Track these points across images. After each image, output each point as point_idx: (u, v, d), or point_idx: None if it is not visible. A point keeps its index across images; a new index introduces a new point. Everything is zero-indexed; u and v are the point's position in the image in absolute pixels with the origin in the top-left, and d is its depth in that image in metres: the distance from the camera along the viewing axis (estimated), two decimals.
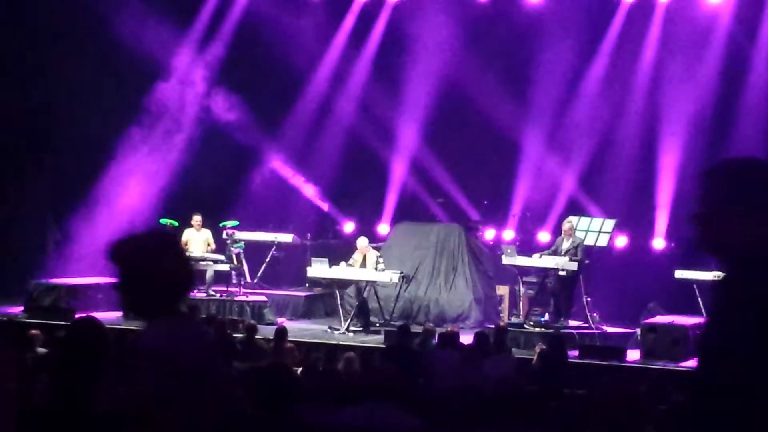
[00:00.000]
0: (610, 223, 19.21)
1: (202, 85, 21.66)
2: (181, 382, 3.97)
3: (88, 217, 20.85)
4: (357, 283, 18.53)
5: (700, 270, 18.66)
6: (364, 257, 18.60)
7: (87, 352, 5.66)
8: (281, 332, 14.23)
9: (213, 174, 21.22)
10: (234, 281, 19.62)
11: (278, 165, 22.38)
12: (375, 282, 18.39)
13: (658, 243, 20.44)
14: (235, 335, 15.10)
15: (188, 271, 4.29)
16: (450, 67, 21.55)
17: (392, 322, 18.58)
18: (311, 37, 22.11)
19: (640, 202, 20.55)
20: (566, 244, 17.88)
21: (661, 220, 20.44)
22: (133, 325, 14.73)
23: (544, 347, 14.24)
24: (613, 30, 21.21)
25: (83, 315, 6.11)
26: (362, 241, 18.85)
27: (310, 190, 22.24)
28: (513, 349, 15.05)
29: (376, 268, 18.34)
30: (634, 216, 20.44)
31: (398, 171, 22.18)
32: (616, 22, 21.19)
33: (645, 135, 20.82)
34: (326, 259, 18.50)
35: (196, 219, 19.68)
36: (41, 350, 12.41)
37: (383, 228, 22.00)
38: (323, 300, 20.30)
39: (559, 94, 21.13)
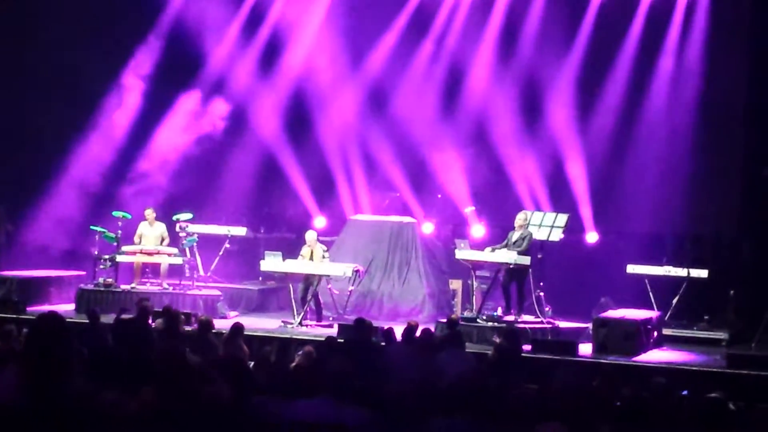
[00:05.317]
0: (562, 218, 19.30)
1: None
2: None
3: (41, 209, 20.74)
4: (307, 276, 18.45)
5: (652, 264, 18.88)
6: (312, 251, 18.58)
7: (52, 348, 5.65)
8: (237, 330, 14.10)
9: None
10: (187, 274, 19.55)
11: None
12: (328, 276, 18.39)
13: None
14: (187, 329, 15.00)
15: None
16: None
17: (345, 316, 18.62)
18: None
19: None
20: (515, 236, 17.99)
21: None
22: (85, 318, 14.70)
23: (500, 340, 14.28)
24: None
25: (46, 311, 6.08)
26: (311, 235, 18.80)
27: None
28: (467, 344, 15.07)
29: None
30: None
31: (351, 163, 22.08)
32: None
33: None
34: (280, 253, 18.46)
35: (149, 213, 19.63)
36: None
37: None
38: (276, 294, 20.27)
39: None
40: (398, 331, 14.59)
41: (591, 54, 21.02)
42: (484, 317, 17.68)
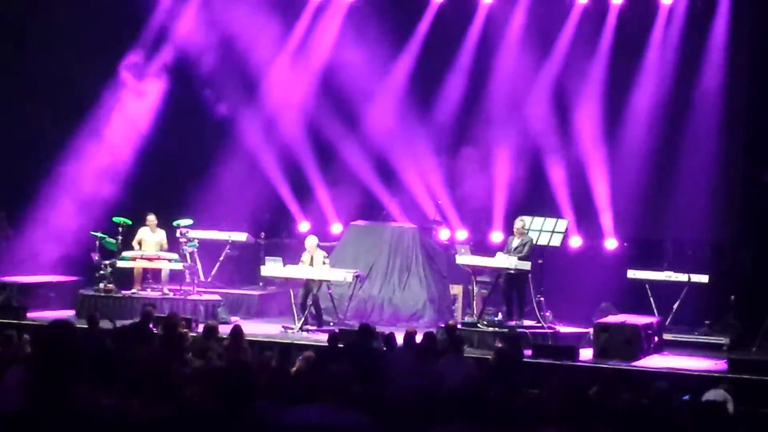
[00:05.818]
0: (563, 224, 19.29)
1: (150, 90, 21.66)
2: None
3: (41, 215, 20.72)
4: (307, 282, 18.44)
5: (652, 270, 18.86)
6: (312, 257, 18.58)
7: (62, 355, 5.65)
8: (237, 331, 14.14)
9: (169, 171, 21.29)
10: (188, 280, 19.54)
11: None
12: (329, 281, 18.38)
13: (611, 243, 20.53)
14: (189, 334, 15.02)
15: None
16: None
17: (346, 322, 18.60)
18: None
19: (584, 203, 20.60)
20: (515, 242, 17.98)
21: (606, 220, 20.52)
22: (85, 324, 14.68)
23: (501, 345, 14.28)
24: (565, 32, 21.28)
25: (61, 319, 6.07)
26: (311, 240, 18.80)
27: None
28: (467, 349, 15.06)
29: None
30: (580, 217, 20.48)
31: (358, 168, 21.98)
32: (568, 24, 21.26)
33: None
34: (280, 258, 18.48)
35: (151, 219, 19.61)
36: None
37: (336, 227, 21.91)
38: (277, 299, 20.26)
39: (513, 97, 21.17)
40: (399, 337, 14.59)
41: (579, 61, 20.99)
42: (485, 322, 17.67)
